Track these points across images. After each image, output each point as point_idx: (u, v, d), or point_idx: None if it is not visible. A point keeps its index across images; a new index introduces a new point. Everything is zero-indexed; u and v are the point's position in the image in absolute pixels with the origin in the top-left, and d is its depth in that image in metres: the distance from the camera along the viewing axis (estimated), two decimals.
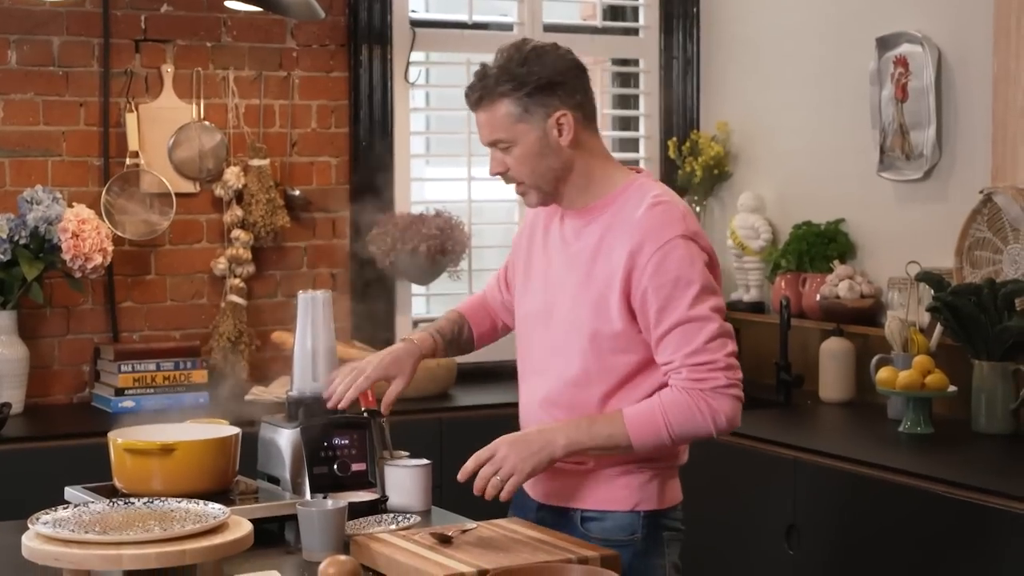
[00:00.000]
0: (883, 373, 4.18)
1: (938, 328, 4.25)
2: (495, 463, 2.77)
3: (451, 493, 3.27)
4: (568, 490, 2.91)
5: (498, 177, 2.93)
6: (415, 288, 5.13)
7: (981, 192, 4.24)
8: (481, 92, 2.86)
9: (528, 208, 3.00)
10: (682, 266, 2.75)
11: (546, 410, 2.91)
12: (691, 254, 2.76)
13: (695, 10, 5.50)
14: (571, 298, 2.86)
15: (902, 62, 4.61)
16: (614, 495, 2.87)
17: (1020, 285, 4.04)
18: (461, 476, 2.78)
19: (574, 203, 2.90)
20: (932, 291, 4.19)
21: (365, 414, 3.20)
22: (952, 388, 4.10)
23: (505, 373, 5.13)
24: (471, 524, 2.81)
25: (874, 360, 4.31)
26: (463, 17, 5.26)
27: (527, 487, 2.96)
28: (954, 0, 4.49)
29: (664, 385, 2.79)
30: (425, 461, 3.16)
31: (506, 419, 4.63)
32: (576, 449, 2.79)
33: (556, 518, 2.91)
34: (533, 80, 2.81)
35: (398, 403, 4.39)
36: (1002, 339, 4.00)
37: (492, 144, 2.88)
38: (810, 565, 3.85)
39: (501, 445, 2.80)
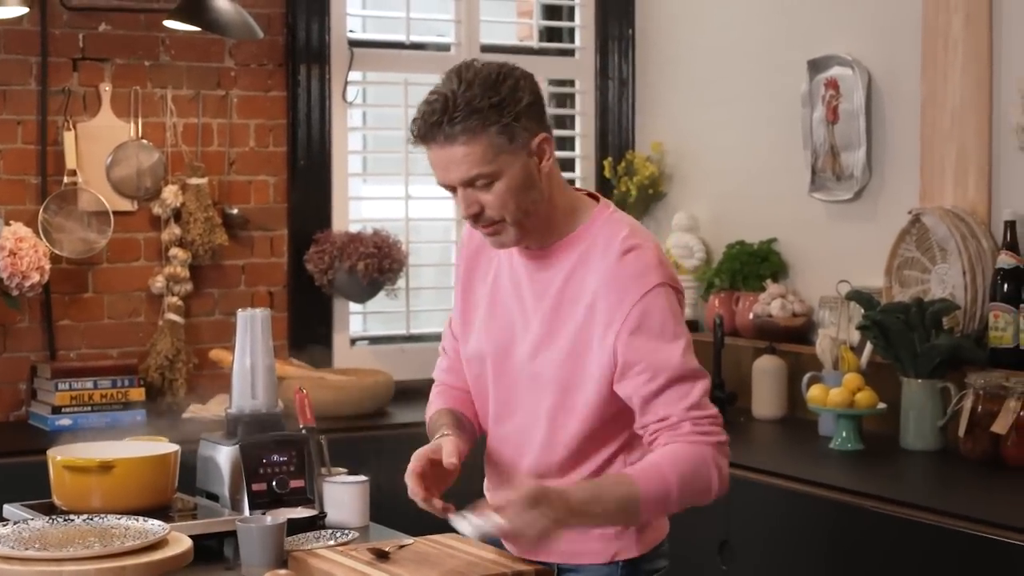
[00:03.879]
0: (814, 391, 4.25)
1: (868, 346, 4.32)
2: (534, 519, 2.40)
3: (389, 509, 3.30)
4: (565, 547, 2.66)
5: (470, 215, 2.59)
6: (352, 306, 5.16)
7: (910, 213, 4.32)
8: (455, 124, 2.48)
9: (461, 246, 2.83)
10: (666, 318, 2.54)
11: (551, 420, 2.66)
12: (671, 303, 2.56)
13: (631, 31, 5.56)
14: (533, 345, 2.65)
15: (833, 84, 4.69)
16: (588, 547, 2.68)
17: (948, 304, 4.11)
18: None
19: (535, 240, 2.64)
20: (862, 310, 4.26)
21: (303, 431, 3.23)
22: (882, 405, 4.17)
23: None
24: (408, 540, 2.84)
25: (805, 378, 4.38)
26: (401, 37, 5.29)
27: (503, 540, 2.64)
28: (884, 24, 4.58)
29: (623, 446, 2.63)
30: (363, 478, 3.18)
31: None
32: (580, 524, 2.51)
33: None
34: (519, 102, 2.51)
35: (334, 420, 4.44)
36: (930, 357, 4.07)
37: (469, 182, 2.54)
38: None
39: (543, 500, 2.40)
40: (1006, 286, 4.05)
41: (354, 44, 5.18)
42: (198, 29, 4.62)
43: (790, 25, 4.93)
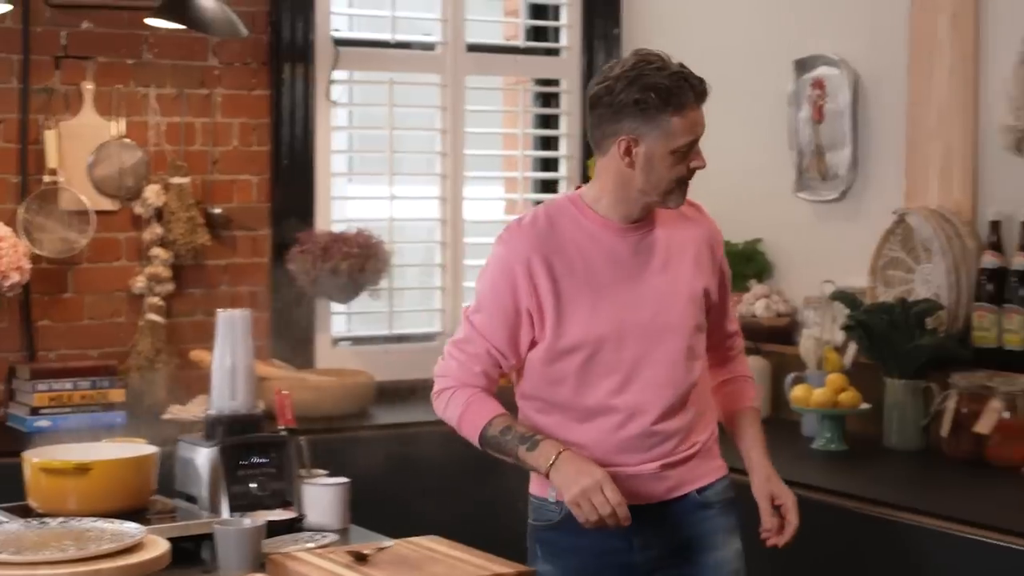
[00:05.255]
0: (798, 391, 4.24)
1: (852, 346, 4.31)
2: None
3: (369, 511, 3.29)
4: (693, 474, 2.96)
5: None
6: (335, 306, 5.13)
7: (894, 213, 4.31)
8: (705, 88, 2.90)
9: (506, 255, 2.89)
10: None
11: (660, 423, 2.90)
12: None
13: (616, 31, 5.54)
14: (665, 304, 2.90)
15: (819, 84, 4.68)
16: (714, 464, 3.00)
17: (931, 304, 4.10)
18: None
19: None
20: (847, 310, 4.25)
21: (283, 432, 3.21)
22: (865, 405, 4.16)
23: (423, 391, 5.17)
24: (388, 542, 2.83)
25: (789, 378, 4.37)
26: (386, 36, 5.27)
27: (650, 490, 2.91)
28: (871, 24, 4.57)
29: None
30: (343, 480, 3.17)
31: (424, 437, 4.70)
32: None
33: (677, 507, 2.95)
34: None
35: (315, 421, 4.42)
36: (914, 357, 4.06)
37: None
38: None
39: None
40: (990, 286, 4.04)
41: (339, 43, 5.15)
42: (182, 27, 4.60)
43: (776, 25, 4.91)
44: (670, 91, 2.79)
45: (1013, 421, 3.87)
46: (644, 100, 2.78)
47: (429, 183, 5.37)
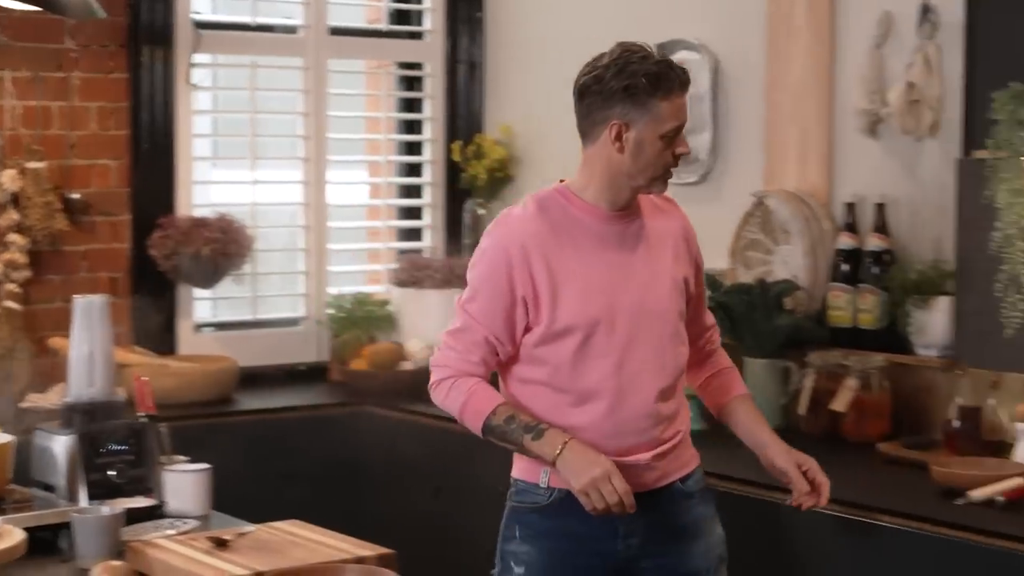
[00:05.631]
0: None
1: None
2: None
3: (231, 497, 3.27)
4: (676, 463, 3.01)
5: None
6: (198, 292, 5.08)
7: (754, 195, 4.37)
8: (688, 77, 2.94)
9: (500, 241, 2.92)
10: None
11: (659, 401, 2.95)
12: None
13: (480, 15, 5.55)
14: (649, 290, 2.96)
15: None
16: (692, 452, 3.08)
17: (790, 285, 4.17)
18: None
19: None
20: (708, 291, 4.29)
21: (143, 419, 3.19)
22: None
23: (287, 376, 5.16)
24: (250, 527, 2.82)
25: None
26: (247, 19, 5.22)
27: (640, 479, 2.92)
28: (729, 9, 4.62)
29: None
30: (204, 466, 3.15)
31: (288, 422, 4.68)
32: None
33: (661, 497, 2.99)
34: None
35: (178, 408, 4.39)
36: (773, 337, 4.13)
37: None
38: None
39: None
40: (846, 267, 4.12)
41: (200, 25, 5.09)
42: (36, 8, 4.50)
43: (638, 9, 4.95)
44: (658, 76, 2.85)
45: (867, 398, 3.95)
46: (634, 86, 2.84)
47: (292, 167, 5.33)
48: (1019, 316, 3.69)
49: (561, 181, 3.02)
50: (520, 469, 2.99)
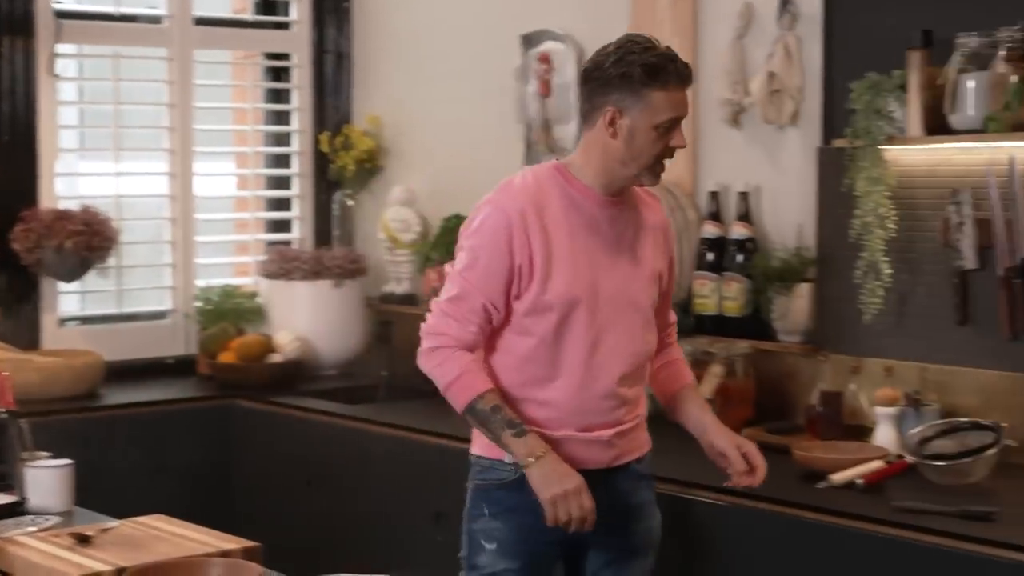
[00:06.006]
0: None
1: None
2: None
3: (98, 493, 3.24)
4: (633, 444, 3.11)
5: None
6: (63, 286, 5.00)
7: None
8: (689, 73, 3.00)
9: (502, 209, 2.98)
10: None
11: (621, 386, 3.04)
12: None
13: (346, 5, 5.53)
14: (631, 278, 3.05)
15: (545, 59, 4.75)
16: (645, 437, 3.17)
17: None
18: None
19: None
20: None
21: (3, 415, 3.14)
22: None
23: (154, 370, 5.10)
24: (113, 523, 2.79)
25: None
26: (110, 9, 5.15)
27: (600, 456, 3.04)
28: (595, 0, 4.65)
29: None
30: (66, 461, 3.11)
31: (156, 416, 4.63)
32: None
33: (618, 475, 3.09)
34: None
35: (41, 403, 4.33)
36: None
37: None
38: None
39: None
40: (710, 255, 4.17)
41: (61, 15, 5.01)
42: None
43: (504, 0, 4.97)
44: (655, 67, 2.93)
45: (732, 384, 4.01)
46: (630, 74, 2.92)
47: (158, 159, 5.27)
48: (878, 302, 3.77)
49: (558, 159, 3.12)
50: (482, 446, 3.08)
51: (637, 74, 2.92)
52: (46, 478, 3.05)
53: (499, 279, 2.97)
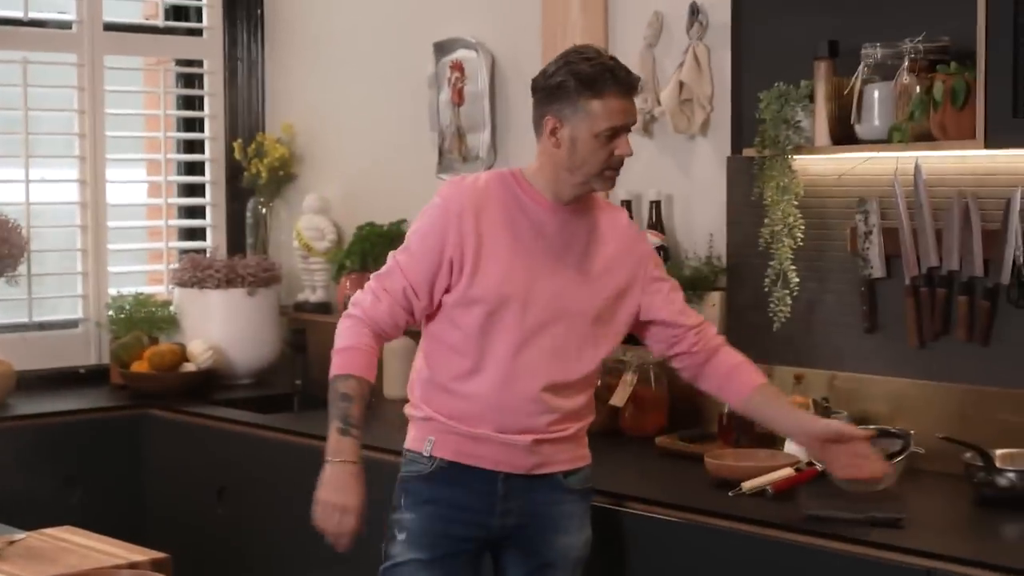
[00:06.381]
0: None
1: None
2: None
3: (8, 505, 3.21)
4: (561, 456, 3.13)
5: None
6: None
7: None
8: (636, 80, 3.08)
9: (444, 204, 3.07)
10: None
11: (548, 392, 3.07)
12: None
13: (259, 11, 5.51)
14: (574, 284, 3.08)
15: (458, 67, 4.76)
16: (585, 452, 3.20)
17: None
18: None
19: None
20: None
21: None
22: None
23: (66, 379, 5.05)
24: (20, 535, 2.77)
25: None
26: (19, 14, 5.10)
27: (520, 461, 3.08)
28: (505, 8, 4.67)
29: None
30: None
31: (67, 426, 4.59)
32: None
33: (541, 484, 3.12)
34: None
35: None
36: None
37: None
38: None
39: None
40: None
41: None
42: None
43: (416, 7, 4.97)
44: (590, 77, 2.99)
45: (645, 392, 4.03)
46: (566, 84, 2.99)
47: (68, 166, 5.22)
48: (786, 311, 3.80)
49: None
50: (410, 439, 3.15)
51: (572, 84, 2.99)
52: None
53: (425, 267, 3.06)
